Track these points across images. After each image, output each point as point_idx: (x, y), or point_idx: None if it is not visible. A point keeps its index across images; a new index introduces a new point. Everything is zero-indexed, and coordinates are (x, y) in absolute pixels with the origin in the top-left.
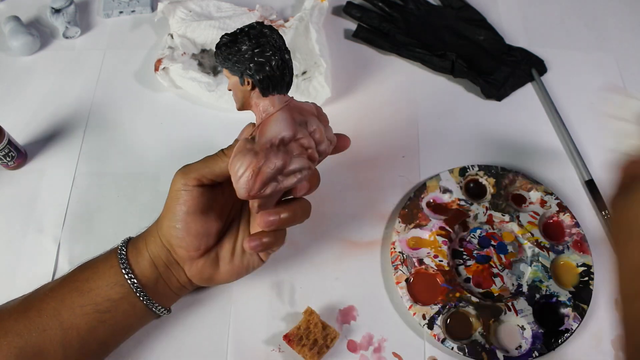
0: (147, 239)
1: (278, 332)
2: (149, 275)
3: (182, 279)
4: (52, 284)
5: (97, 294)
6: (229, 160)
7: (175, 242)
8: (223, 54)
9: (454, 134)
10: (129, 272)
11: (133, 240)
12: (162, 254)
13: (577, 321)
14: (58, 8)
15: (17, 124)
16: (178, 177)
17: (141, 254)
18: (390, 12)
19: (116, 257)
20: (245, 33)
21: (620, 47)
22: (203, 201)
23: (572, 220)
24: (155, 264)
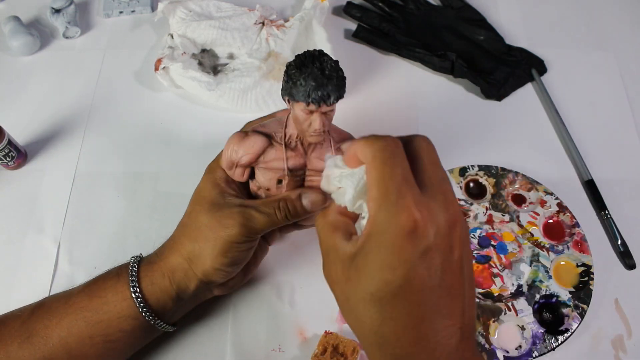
0: (172, 274)
1: (278, 332)
2: (169, 307)
3: (206, 297)
4: (55, 304)
5: (107, 325)
6: None
7: (221, 277)
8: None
9: (454, 134)
10: (144, 308)
11: (147, 270)
12: (192, 286)
13: (577, 321)
14: (58, 8)
15: (17, 124)
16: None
17: (163, 290)
18: (390, 12)
19: (128, 288)
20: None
21: (620, 47)
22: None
23: (572, 220)
24: (180, 296)
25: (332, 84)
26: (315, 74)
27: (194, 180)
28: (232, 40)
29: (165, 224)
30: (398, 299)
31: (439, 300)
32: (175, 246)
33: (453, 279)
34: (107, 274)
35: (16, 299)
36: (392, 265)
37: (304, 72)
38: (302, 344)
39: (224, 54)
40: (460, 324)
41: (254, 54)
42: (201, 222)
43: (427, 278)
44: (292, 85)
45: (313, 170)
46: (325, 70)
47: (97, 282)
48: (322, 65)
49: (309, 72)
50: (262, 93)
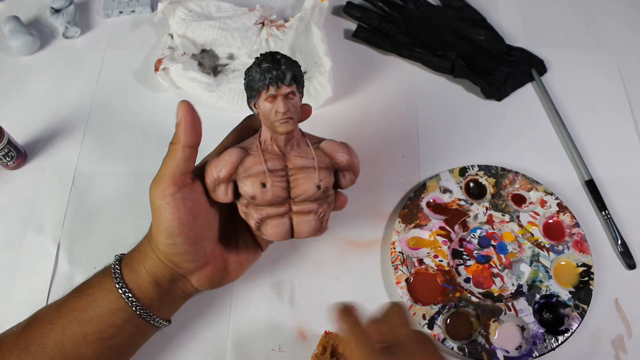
0: (144, 259)
1: (278, 332)
2: (153, 296)
3: (187, 289)
4: (48, 312)
5: (99, 322)
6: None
7: (179, 258)
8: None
9: (454, 134)
10: (129, 297)
11: (127, 261)
12: (165, 272)
13: (577, 321)
14: (58, 8)
15: (17, 124)
16: (153, 192)
17: (140, 277)
18: (390, 12)
19: (112, 281)
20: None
21: (620, 47)
22: (189, 205)
23: (572, 220)
24: (158, 283)
25: (284, 63)
26: (267, 59)
27: None
28: (232, 41)
29: None
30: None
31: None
32: (147, 233)
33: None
34: (93, 275)
35: (16, 298)
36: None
37: (256, 64)
38: (302, 344)
39: (224, 54)
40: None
41: (254, 55)
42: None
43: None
44: (250, 80)
45: (295, 168)
46: (276, 56)
47: (85, 283)
48: (272, 56)
49: (260, 61)
50: None
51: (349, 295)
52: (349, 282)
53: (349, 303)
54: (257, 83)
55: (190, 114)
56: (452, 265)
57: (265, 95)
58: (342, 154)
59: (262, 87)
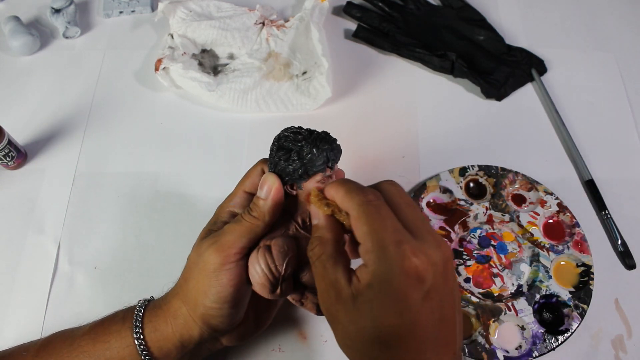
0: (173, 320)
1: (278, 332)
2: (173, 356)
3: (214, 348)
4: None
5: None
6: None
7: (219, 321)
8: None
9: (454, 134)
10: (147, 357)
11: (150, 317)
12: (196, 334)
13: (577, 321)
14: (58, 8)
15: (17, 124)
16: (213, 255)
17: (165, 337)
18: (390, 12)
19: (131, 335)
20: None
21: (620, 47)
22: (245, 272)
23: (572, 220)
24: (183, 345)
25: (335, 146)
26: (320, 137)
27: (193, 180)
28: (232, 41)
29: (165, 224)
30: (404, 340)
31: (439, 333)
32: (176, 289)
33: (449, 311)
34: (113, 317)
35: (16, 299)
36: (398, 311)
37: (308, 143)
38: (302, 344)
39: (224, 54)
40: (454, 349)
41: (254, 54)
42: (190, 259)
43: (431, 316)
44: (308, 164)
45: None
46: (329, 136)
47: (103, 325)
48: (311, 131)
49: (313, 139)
50: (262, 93)
51: None
52: None
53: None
54: (314, 164)
55: (280, 194)
56: None
57: (321, 177)
58: None
59: (320, 168)
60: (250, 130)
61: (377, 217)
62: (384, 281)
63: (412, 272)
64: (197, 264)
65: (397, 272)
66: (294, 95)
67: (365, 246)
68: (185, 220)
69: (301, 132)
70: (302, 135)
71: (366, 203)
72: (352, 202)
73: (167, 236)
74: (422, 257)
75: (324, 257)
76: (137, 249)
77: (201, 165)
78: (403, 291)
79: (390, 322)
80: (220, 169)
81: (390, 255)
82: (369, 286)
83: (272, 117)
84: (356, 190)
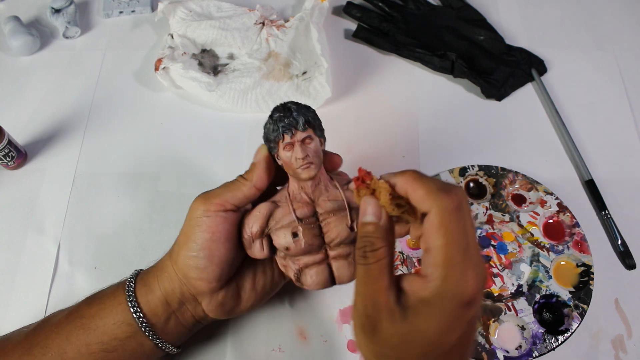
0: (159, 274)
1: (278, 332)
2: (160, 314)
3: (198, 314)
4: (58, 316)
5: (103, 332)
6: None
7: (195, 273)
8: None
9: (454, 134)
10: (137, 311)
11: (142, 275)
12: (177, 289)
13: (577, 321)
14: (58, 8)
15: (17, 124)
16: (198, 204)
17: (152, 291)
18: (390, 12)
19: (124, 293)
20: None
21: (620, 47)
22: (226, 227)
23: (572, 220)
24: (167, 301)
25: (296, 110)
26: (278, 110)
27: (194, 180)
28: (232, 41)
29: (165, 224)
30: (448, 354)
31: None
32: (169, 250)
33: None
34: (110, 285)
35: (16, 299)
36: (451, 329)
37: (269, 117)
38: (302, 344)
39: (224, 54)
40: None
41: (254, 54)
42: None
43: (470, 334)
44: (266, 133)
45: (325, 212)
46: (287, 104)
47: (99, 292)
48: (283, 106)
49: (272, 113)
50: (262, 93)
51: (349, 295)
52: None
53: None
54: (272, 134)
55: (269, 161)
56: None
57: (283, 145)
58: None
59: (278, 137)
60: (250, 130)
61: (458, 231)
62: (444, 300)
63: (469, 297)
64: (186, 217)
65: (458, 295)
66: (294, 95)
67: (434, 258)
68: None
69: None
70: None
71: (454, 211)
72: (436, 205)
73: (167, 236)
74: (477, 283)
75: (379, 265)
76: (137, 249)
77: (201, 165)
78: (459, 311)
79: (440, 338)
80: (220, 169)
81: (456, 276)
82: (426, 302)
83: None
84: (441, 191)
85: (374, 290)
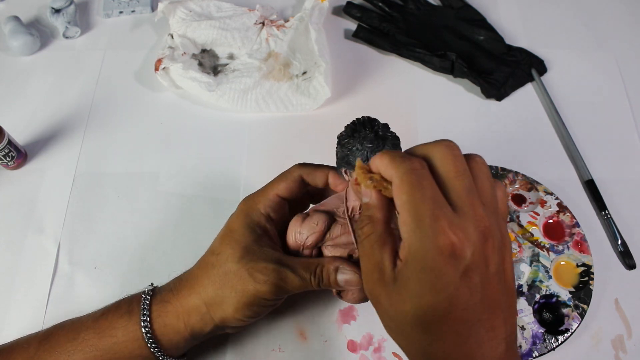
0: (189, 317)
1: (278, 332)
2: (182, 347)
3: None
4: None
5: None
6: None
7: (241, 325)
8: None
9: (454, 134)
10: (156, 348)
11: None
12: (209, 328)
13: (577, 321)
14: (58, 8)
15: (17, 124)
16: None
17: (176, 331)
18: (390, 12)
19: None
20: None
21: (620, 47)
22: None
23: (572, 220)
24: (194, 336)
25: (388, 143)
26: (369, 137)
27: (194, 181)
28: (232, 41)
29: (165, 224)
30: (444, 321)
31: (482, 315)
32: (196, 287)
33: (492, 292)
34: (117, 309)
35: (16, 299)
36: (435, 290)
37: (357, 138)
38: (302, 344)
39: (224, 54)
40: (504, 334)
41: (254, 54)
42: (230, 268)
43: (470, 297)
44: (349, 153)
45: None
46: (379, 132)
47: (108, 318)
48: (373, 129)
49: (363, 137)
50: (262, 93)
51: None
52: None
53: None
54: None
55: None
56: None
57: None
58: None
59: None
60: (250, 130)
61: (417, 186)
62: (419, 257)
63: (446, 248)
64: (242, 281)
65: (430, 247)
66: (294, 95)
67: (402, 217)
68: (185, 220)
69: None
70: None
71: (410, 171)
72: (395, 169)
73: (167, 236)
74: (459, 232)
75: (373, 237)
76: (137, 249)
77: (201, 165)
78: (438, 268)
79: (427, 300)
80: (220, 169)
81: (425, 228)
82: (406, 263)
83: (272, 117)
84: (401, 158)
85: (369, 266)
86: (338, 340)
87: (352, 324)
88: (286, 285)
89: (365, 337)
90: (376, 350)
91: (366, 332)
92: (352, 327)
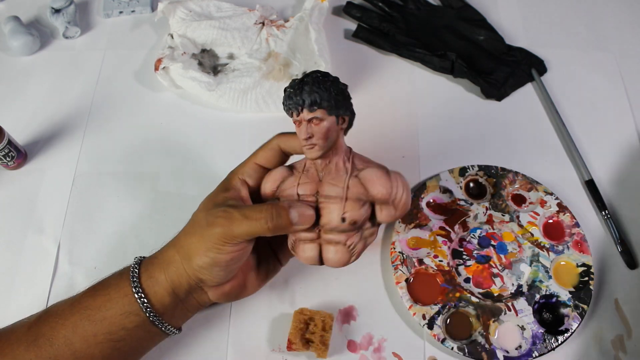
0: (166, 266)
1: (278, 332)
2: (168, 304)
3: (202, 300)
4: (61, 308)
5: (110, 322)
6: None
7: (209, 278)
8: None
9: (454, 134)
10: (144, 302)
11: (146, 266)
12: (184, 282)
13: (577, 321)
14: (58, 8)
15: (17, 124)
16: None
17: (158, 283)
18: (390, 12)
19: (129, 284)
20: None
21: (620, 47)
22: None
23: (572, 220)
24: (175, 292)
25: (310, 86)
26: (292, 85)
27: (194, 180)
28: (232, 40)
29: (165, 224)
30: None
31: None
32: (174, 241)
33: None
34: (111, 275)
35: (16, 299)
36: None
37: (284, 89)
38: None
39: (224, 54)
40: None
41: (254, 54)
42: (197, 217)
43: None
44: (282, 104)
45: (324, 196)
46: (305, 79)
47: (102, 282)
48: (301, 81)
49: (288, 85)
50: (262, 93)
51: (348, 296)
52: (349, 282)
53: None
54: (284, 108)
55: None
56: (452, 265)
57: (292, 120)
58: (379, 186)
59: (287, 113)
60: (250, 130)
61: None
62: None
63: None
64: (202, 228)
65: None
66: None
67: None
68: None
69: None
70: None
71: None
72: None
73: (167, 236)
74: None
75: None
76: (137, 249)
77: (201, 165)
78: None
79: None
80: (220, 169)
81: None
82: None
83: (272, 117)
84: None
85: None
86: (338, 340)
87: (352, 324)
88: (234, 227)
89: (365, 337)
90: (376, 350)
91: (366, 332)
92: (352, 327)
